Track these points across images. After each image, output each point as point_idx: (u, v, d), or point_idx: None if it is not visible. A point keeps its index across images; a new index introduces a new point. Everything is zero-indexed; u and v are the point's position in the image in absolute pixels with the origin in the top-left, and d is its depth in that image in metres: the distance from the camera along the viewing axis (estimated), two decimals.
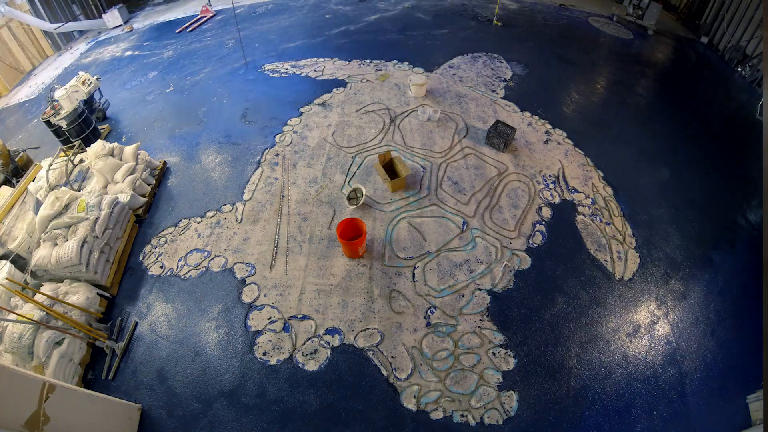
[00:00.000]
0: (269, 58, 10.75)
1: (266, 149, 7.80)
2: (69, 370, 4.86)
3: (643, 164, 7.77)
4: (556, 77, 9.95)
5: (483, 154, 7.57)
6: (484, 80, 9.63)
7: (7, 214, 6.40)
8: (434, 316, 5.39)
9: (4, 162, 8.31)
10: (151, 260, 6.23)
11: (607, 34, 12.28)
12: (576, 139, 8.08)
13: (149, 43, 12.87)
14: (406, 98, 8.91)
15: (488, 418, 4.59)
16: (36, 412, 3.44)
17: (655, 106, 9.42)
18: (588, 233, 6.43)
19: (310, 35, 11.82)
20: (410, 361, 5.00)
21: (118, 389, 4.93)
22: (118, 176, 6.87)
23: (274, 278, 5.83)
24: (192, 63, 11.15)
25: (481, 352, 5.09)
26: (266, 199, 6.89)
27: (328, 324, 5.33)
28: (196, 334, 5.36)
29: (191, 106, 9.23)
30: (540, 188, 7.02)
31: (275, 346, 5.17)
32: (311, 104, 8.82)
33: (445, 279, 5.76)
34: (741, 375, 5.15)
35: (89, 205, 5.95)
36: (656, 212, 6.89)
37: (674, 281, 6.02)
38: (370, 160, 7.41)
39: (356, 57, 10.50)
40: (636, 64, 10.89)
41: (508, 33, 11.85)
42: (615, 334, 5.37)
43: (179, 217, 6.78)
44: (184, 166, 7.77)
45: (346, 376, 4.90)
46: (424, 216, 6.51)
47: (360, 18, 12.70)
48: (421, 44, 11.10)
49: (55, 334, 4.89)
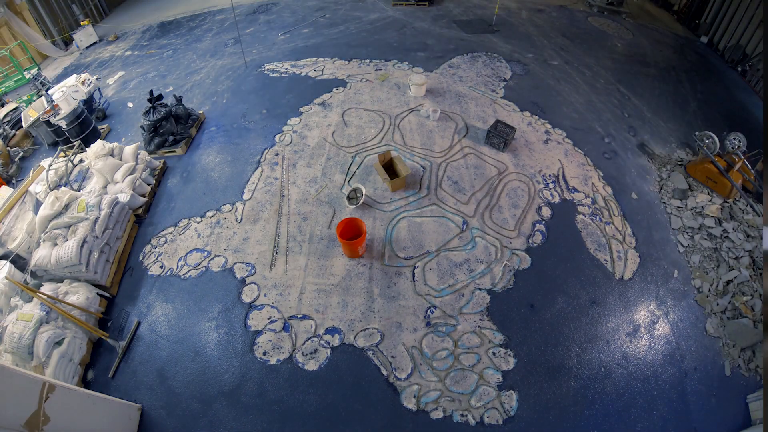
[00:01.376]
0: (269, 57, 10.76)
1: (266, 149, 7.81)
2: (69, 370, 4.86)
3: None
4: (556, 77, 9.95)
5: (483, 154, 7.57)
6: (484, 80, 9.64)
7: (7, 214, 6.40)
8: (434, 315, 5.39)
9: (4, 162, 8.32)
10: (151, 260, 6.23)
11: (597, 29, 12.30)
12: (576, 139, 8.09)
13: (149, 43, 12.88)
14: (406, 98, 8.91)
15: (488, 418, 4.59)
16: (36, 412, 3.44)
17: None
18: (588, 233, 6.43)
19: (310, 35, 11.83)
20: (410, 361, 5.00)
21: (118, 389, 4.94)
22: (117, 176, 6.87)
23: (274, 278, 5.83)
24: (192, 63, 11.16)
25: (481, 351, 5.09)
26: (266, 198, 6.89)
27: (328, 324, 5.33)
28: (196, 334, 5.36)
29: (191, 107, 9.22)
30: (540, 188, 7.02)
31: (275, 345, 5.17)
32: (311, 104, 8.82)
33: (445, 279, 5.76)
34: (741, 375, 5.16)
35: (89, 205, 5.95)
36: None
37: (674, 281, 6.02)
38: (369, 159, 7.42)
39: (356, 56, 10.51)
40: (637, 64, 10.89)
41: (506, 33, 11.85)
42: (615, 334, 5.37)
43: (179, 217, 6.78)
44: (184, 165, 7.77)
45: (346, 376, 4.90)
46: (424, 216, 6.51)
47: (360, 18, 12.71)
48: (420, 43, 11.11)
49: (55, 334, 4.90)
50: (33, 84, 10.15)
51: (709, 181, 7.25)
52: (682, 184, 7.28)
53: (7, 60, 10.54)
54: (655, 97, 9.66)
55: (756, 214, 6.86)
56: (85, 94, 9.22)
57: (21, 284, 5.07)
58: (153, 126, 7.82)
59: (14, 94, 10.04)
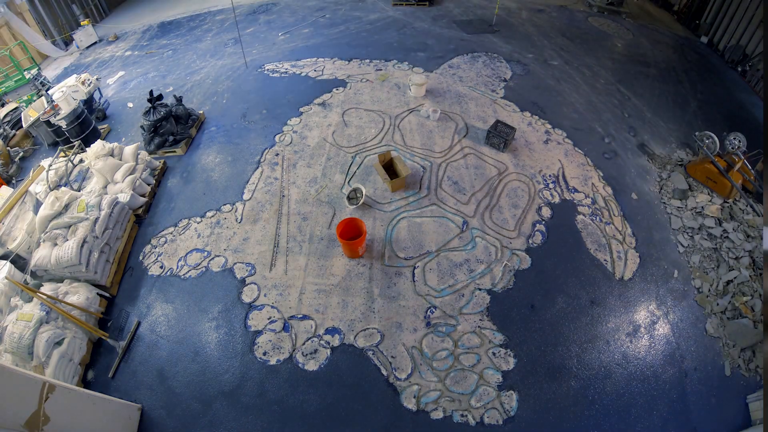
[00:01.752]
0: (269, 57, 10.76)
1: (266, 149, 7.80)
2: (69, 370, 4.86)
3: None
4: (556, 77, 9.95)
5: (483, 154, 7.57)
6: (484, 80, 9.64)
7: (7, 214, 6.40)
8: (434, 315, 5.39)
9: (4, 162, 8.32)
10: (151, 260, 6.23)
11: (599, 30, 12.29)
12: (576, 139, 8.09)
13: (149, 43, 12.88)
14: (406, 98, 8.90)
15: (488, 418, 4.59)
16: (36, 412, 3.44)
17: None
18: (588, 233, 6.43)
19: (310, 35, 11.83)
20: (410, 361, 5.00)
21: (118, 389, 4.93)
22: (118, 176, 6.87)
23: (274, 278, 5.83)
24: (192, 63, 11.15)
25: (481, 351, 5.09)
26: (266, 198, 6.89)
27: (328, 324, 5.33)
28: (195, 334, 5.36)
29: (191, 107, 9.22)
30: (540, 188, 7.02)
31: (275, 346, 5.17)
32: (311, 104, 8.82)
33: (445, 279, 5.76)
34: (741, 375, 5.16)
35: (89, 205, 5.95)
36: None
37: (674, 281, 6.02)
38: (370, 159, 7.42)
39: (356, 57, 10.51)
40: (637, 64, 10.89)
41: (506, 33, 11.85)
42: (615, 334, 5.37)
43: (179, 217, 6.78)
44: (184, 165, 7.77)
45: (346, 376, 4.90)
46: (424, 216, 6.51)
47: (360, 18, 12.71)
48: (420, 43, 11.11)
49: (55, 334, 4.90)
50: (33, 84, 10.16)
51: (709, 181, 7.25)
52: (682, 185, 7.28)
53: (7, 60, 10.54)
54: (655, 98, 9.66)
55: (756, 214, 6.86)
56: (85, 94, 9.22)
57: (21, 284, 5.07)
58: (153, 126, 7.82)
59: (14, 94, 10.05)
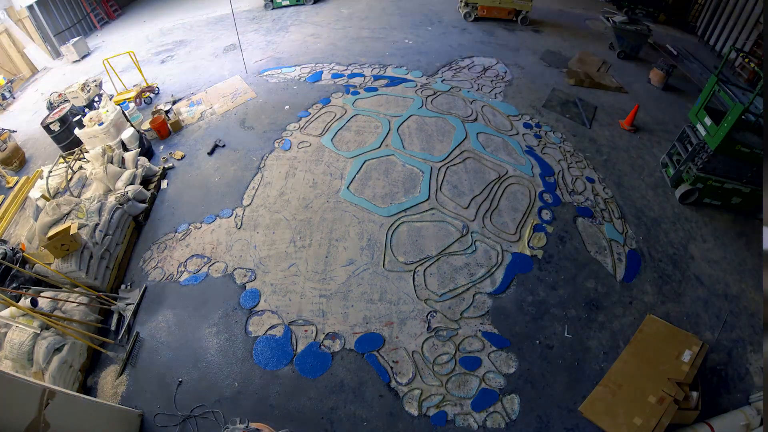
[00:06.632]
0: (269, 63, 10.80)
1: (265, 155, 7.82)
2: (69, 376, 4.84)
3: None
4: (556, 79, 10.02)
5: (482, 158, 7.59)
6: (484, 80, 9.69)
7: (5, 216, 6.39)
8: (435, 320, 5.38)
9: (18, 162, 8.31)
10: (151, 266, 6.22)
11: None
12: (575, 140, 8.12)
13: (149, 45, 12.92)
14: (406, 101, 8.91)
15: (491, 422, 4.57)
16: (36, 419, 3.43)
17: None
18: (588, 235, 6.44)
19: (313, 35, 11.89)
20: (411, 365, 4.98)
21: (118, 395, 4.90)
22: (118, 183, 6.87)
23: (275, 283, 5.82)
24: (191, 68, 11.18)
25: (483, 355, 5.08)
26: (266, 204, 6.88)
27: (329, 329, 5.32)
28: (196, 340, 5.34)
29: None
30: (540, 191, 7.04)
31: (276, 350, 5.14)
32: (311, 109, 8.85)
33: (446, 283, 5.75)
34: (741, 375, 5.15)
35: (89, 212, 5.95)
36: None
37: (674, 281, 6.02)
38: (369, 164, 7.42)
39: (353, 62, 10.56)
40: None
41: (511, 36, 11.93)
42: (616, 336, 5.36)
43: (179, 223, 6.78)
44: (183, 172, 7.77)
45: (346, 381, 4.88)
46: (424, 220, 6.51)
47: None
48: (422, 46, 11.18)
49: (55, 341, 4.87)
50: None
51: None
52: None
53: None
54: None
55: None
56: (85, 100, 9.25)
57: (11, 302, 5.01)
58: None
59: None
